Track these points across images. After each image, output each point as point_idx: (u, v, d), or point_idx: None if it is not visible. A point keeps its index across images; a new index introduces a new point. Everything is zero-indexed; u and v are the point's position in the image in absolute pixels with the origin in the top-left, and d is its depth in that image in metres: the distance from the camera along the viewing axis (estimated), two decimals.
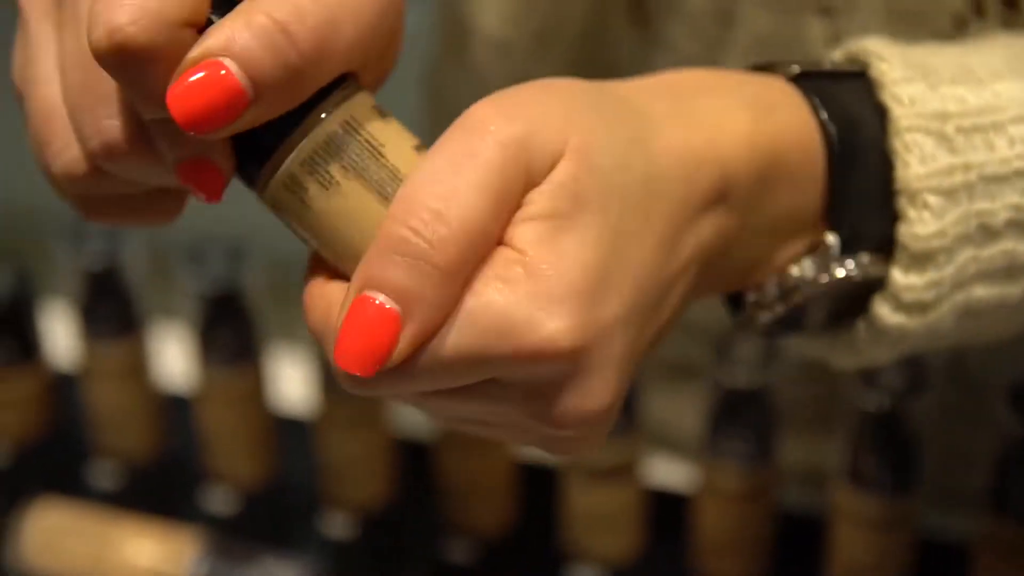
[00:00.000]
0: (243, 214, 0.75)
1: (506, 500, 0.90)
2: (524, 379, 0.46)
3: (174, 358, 1.00)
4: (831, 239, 0.53)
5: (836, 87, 0.54)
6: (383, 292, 0.45)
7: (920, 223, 0.53)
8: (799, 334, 0.57)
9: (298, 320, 0.89)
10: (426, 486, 0.91)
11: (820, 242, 0.54)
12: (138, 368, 0.93)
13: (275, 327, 0.94)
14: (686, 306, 0.52)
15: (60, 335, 1.00)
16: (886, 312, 0.54)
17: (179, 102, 0.44)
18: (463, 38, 0.75)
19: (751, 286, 0.55)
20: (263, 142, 0.47)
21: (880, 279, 0.54)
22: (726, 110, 0.51)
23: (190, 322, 0.89)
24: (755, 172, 0.51)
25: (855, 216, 0.54)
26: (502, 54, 0.73)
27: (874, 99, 0.54)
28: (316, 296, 0.49)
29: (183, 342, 0.98)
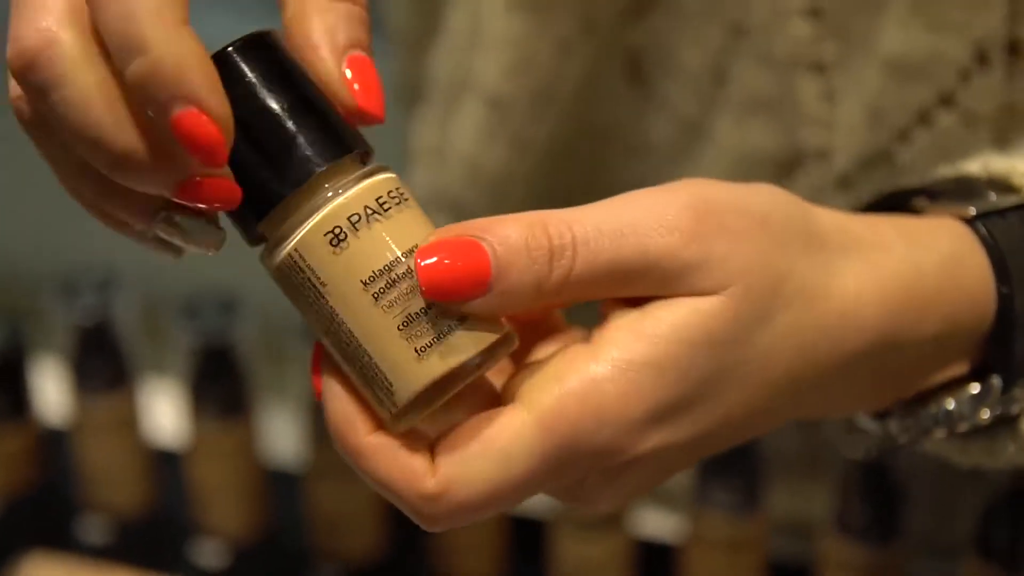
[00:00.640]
0: (235, 268, 0.75)
1: (499, 552, 0.90)
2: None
3: (165, 412, 1.00)
4: (996, 382, 0.55)
5: (1006, 228, 0.55)
6: (491, 247, 0.47)
7: None
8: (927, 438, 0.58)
9: (289, 374, 0.90)
10: (419, 541, 0.91)
11: (980, 381, 0.55)
12: (129, 422, 0.93)
13: (266, 381, 0.95)
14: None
15: (51, 390, 1.00)
16: None
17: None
18: (458, 93, 0.76)
19: (891, 405, 0.57)
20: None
21: None
22: (914, 278, 0.53)
23: (181, 376, 0.90)
24: (928, 337, 0.53)
25: (1017, 342, 0.55)
26: (500, 111, 0.73)
27: None
28: (344, 415, 0.49)
29: (174, 396, 0.99)
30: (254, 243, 0.49)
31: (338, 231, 0.48)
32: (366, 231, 0.48)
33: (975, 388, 0.55)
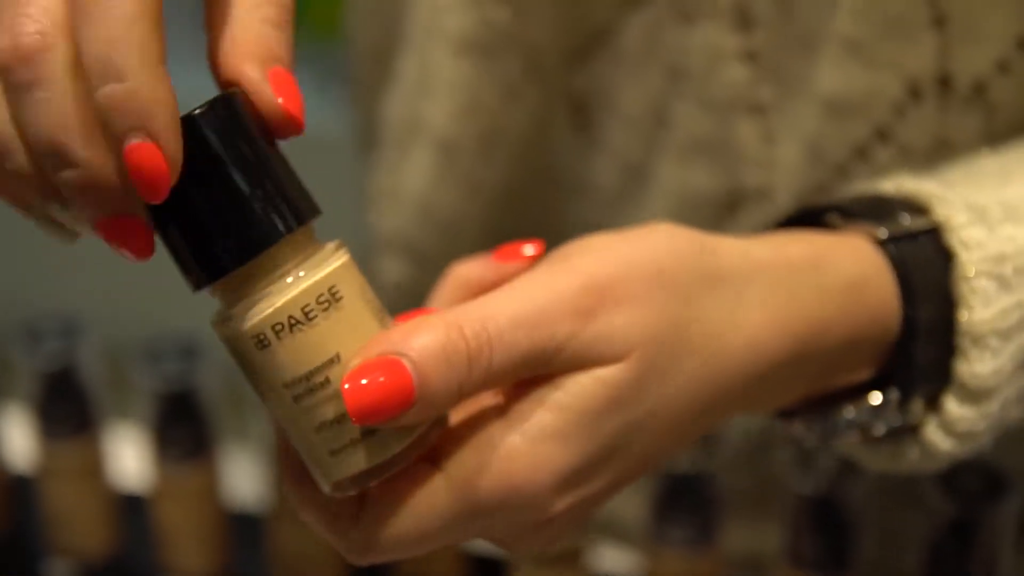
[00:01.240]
0: (197, 313, 0.76)
1: None
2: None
3: (129, 456, 1.01)
4: (894, 395, 0.58)
5: (915, 250, 0.58)
6: (412, 363, 0.49)
7: (980, 362, 0.57)
8: (835, 442, 0.61)
9: (251, 418, 0.91)
10: None
11: (881, 390, 0.58)
12: (94, 467, 0.94)
13: (229, 424, 0.95)
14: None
15: (16, 436, 1.01)
16: (939, 439, 0.58)
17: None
18: (410, 136, 0.77)
19: (794, 409, 0.60)
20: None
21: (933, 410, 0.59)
22: (817, 300, 0.55)
23: (144, 420, 0.90)
24: (830, 351, 0.56)
25: (916, 357, 0.57)
26: (449, 153, 0.75)
27: (938, 242, 0.58)
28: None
29: (138, 441, 0.99)
30: (195, 290, 0.51)
31: (263, 337, 0.50)
32: (289, 340, 0.50)
33: (875, 399, 0.57)
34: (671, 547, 0.83)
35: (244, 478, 1.00)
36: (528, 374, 0.51)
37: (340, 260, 0.51)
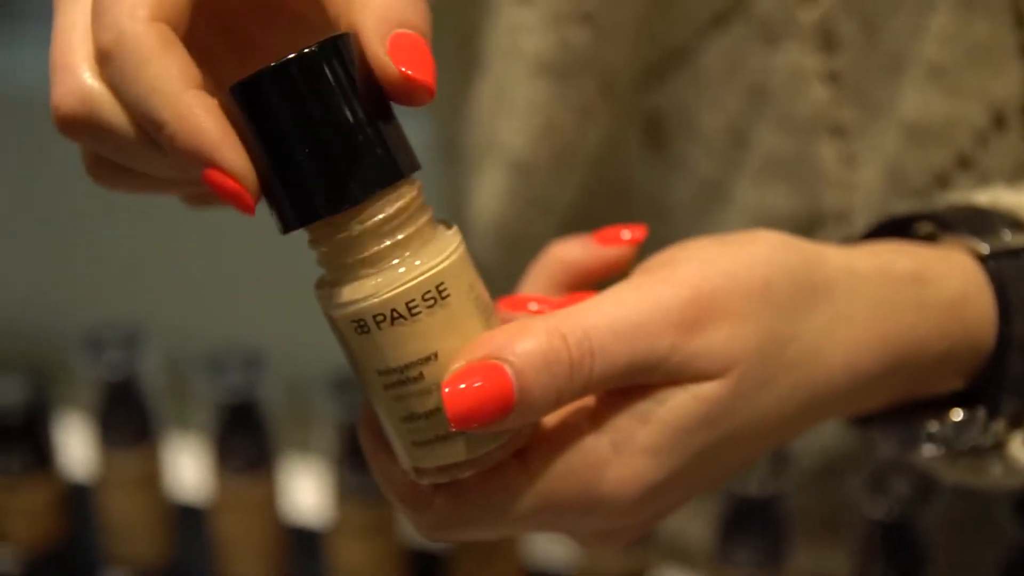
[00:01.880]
0: (261, 324, 0.76)
1: None
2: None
3: (188, 467, 1.01)
4: (980, 412, 0.57)
5: (1014, 267, 0.57)
6: (513, 369, 0.48)
7: None
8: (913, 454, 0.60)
9: (313, 430, 0.90)
10: None
11: (959, 410, 0.58)
12: (153, 477, 0.94)
13: (290, 437, 0.95)
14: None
15: (76, 445, 1.01)
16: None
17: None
18: (484, 156, 0.77)
19: (873, 416, 0.59)
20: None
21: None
22: (918, 319, 0.55)
23: (205, 431, 0.90)
24: (924, 368, 0.56)
25: (1007, 373, 0.57)
26: (523, 174, 0.74)
27: None
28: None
29: (197, 452, 0.99)
30: (285, 232, 0.50)
31: (362, 323, 0.49)
32: (388, 331, 0.49)
33: (957, 415, 0.56)
34: (737, 569, 0.82)
35: (304, 491, 1.00)
36: (626, 384, 0.50)
37: (455, 253, 0.50)
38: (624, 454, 0.50)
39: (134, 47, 0.46)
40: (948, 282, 0.55)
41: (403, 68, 0.47)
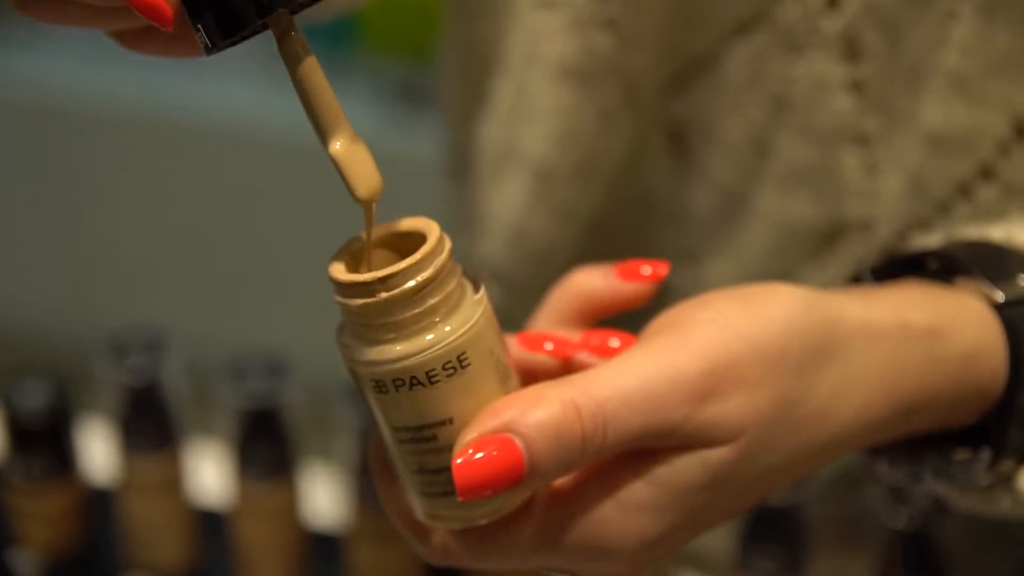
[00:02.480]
0: (282, 331, 0.76)
1: None
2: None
3: (209, 473, 1.01)
4: (985, 454, 0.58)
5: None
6: (525, 442, 0.49)
7: None
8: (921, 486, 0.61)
9: (334, 437, 0.91)
10: None
11: (963, 450, 0.58)
12: (174, 482, 0.94)
13: (311, 443, 0.95)
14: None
15: (98, 449, 1.01)
16: None
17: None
18: (504, 162, 0.77)
19: (882, 447, 0.60)
20: None
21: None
22: (930, 374, 0.56)
23: (226, 437, 0.90)
24: (933, 416, 0.57)
25: (1014, 420, 0.57)
26: (545, 180, 0.74)
27: None
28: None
29: (218, 457, 0.99)
30: (209, 51, 0.48)
31: (381, 384, 0.50)
32: (405, 394, 0.50)
33: (965, 454, 0.57)
34: None
35: (325, 497, 1.00)
36: (634, 449, 0.52)
37: (478, 322, 0.50)
38: (627, 511, 0.52)
39: None
40: (963, 335, 0.56)
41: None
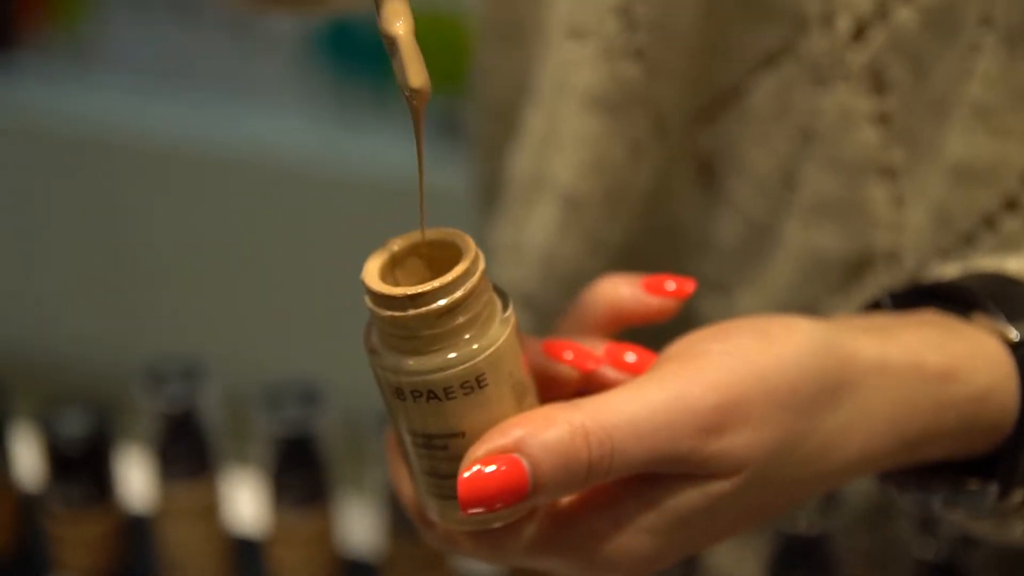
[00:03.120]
0: (317, 359, 0.77)
1: None
2: None
3: (246, 500, 1.02)
4: (993, 487, 0.58)
5: None
6: (531, 463, 0.50)
7: None
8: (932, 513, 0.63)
9: (368, 465, 0.91)
10: None
11: (974, 480, 0.59)
12: (210, 510, 0.95)
13: (346, 471, 0.96)
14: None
15: (135, 476, 1.02)
16: None
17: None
18: (535, 191, 0.78)
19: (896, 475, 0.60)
20: None
21: None
22: (940, 415, 0.56)
23: (262, 465, 0.91)
24: (940, 453, 0.58)
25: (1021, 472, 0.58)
26: (575, 209, 0.75)
27: None
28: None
29: (254, 485, 1.00)
30: None
31: (400, 391, 0.51)
32: (423, 403, 0.51)
33: (974, 485, 0.57)
34: None
35: (359, 525, 1.01)
36: (640, 472, 0.53)
37: (502, 343, 0.51)
38: (626, 531, 0.53)
39: None
40: (977, 377, 0.57)
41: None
